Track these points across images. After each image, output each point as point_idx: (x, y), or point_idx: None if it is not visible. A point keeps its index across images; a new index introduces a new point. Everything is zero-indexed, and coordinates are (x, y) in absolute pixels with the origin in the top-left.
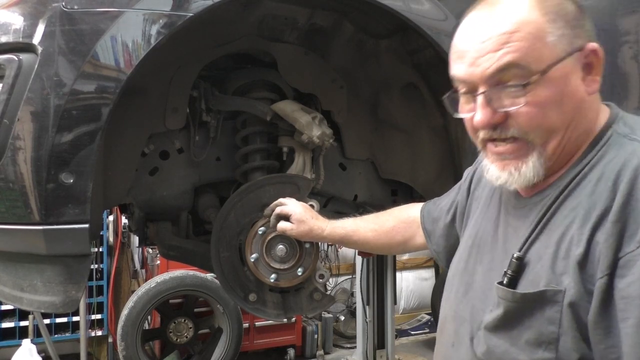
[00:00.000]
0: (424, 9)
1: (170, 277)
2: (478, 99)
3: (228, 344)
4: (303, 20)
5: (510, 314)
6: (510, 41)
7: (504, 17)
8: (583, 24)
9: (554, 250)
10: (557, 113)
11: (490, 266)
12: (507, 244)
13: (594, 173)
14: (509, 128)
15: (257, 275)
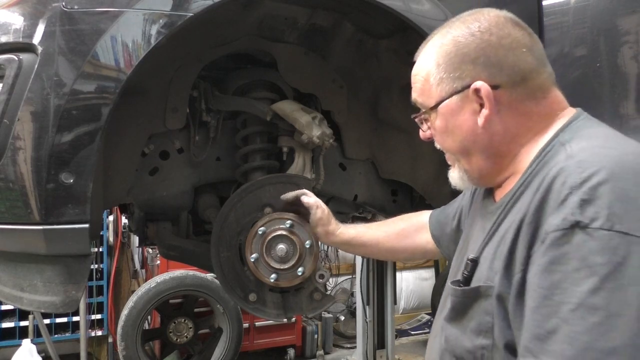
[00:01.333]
0: (424, 9)
1: (170, 277)
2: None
3: (228, 344)
4: (303, 20)
5: (457, 307)
6: (416, 81)
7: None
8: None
9: (494, 252)
10: (451, 141)
11: (457, 267)
12: (470, 245)
13: (536, 181)
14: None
15: (257, 275)
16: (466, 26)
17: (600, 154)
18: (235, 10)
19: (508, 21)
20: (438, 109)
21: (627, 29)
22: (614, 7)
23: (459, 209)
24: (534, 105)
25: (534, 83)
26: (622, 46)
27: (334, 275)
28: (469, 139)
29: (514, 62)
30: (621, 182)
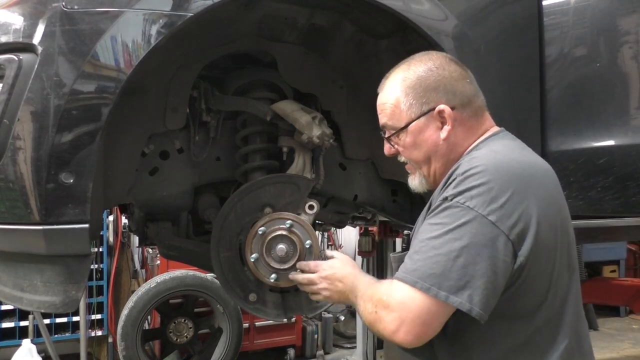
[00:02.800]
0: (424, 9)
1: (170, 277)
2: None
3: (228, 344)
4: (303, 20)
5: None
6: (384, 109)
7: (383, 93)
8: (437, 91)
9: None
10: (417, 152)
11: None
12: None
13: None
14: (400, 156)
15: (257, 275)
16: (423, 64)
17: (488, 156)
18: (235, 10)
19: (452, 60)
20: (408, 128)
21: (627, 29)
22: (614, 7)
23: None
24: (475, 122)
25: (476, 105)
26: (622, 46)
27: None
28: (432, 150)
29: (462, 89)
30: (487, 175)
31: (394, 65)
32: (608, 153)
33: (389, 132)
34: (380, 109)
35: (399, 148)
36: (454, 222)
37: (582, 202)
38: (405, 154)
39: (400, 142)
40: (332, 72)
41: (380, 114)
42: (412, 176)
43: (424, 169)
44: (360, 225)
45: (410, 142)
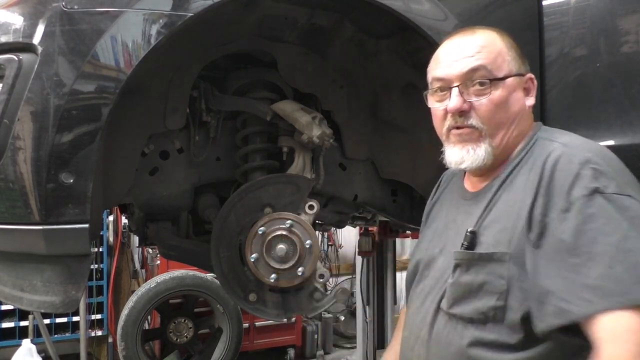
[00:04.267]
0: (424, 9)
1: (170, 277)
2: (453, 90)
3: (228, 344)
4: (303, 20)
5: (468, 270)
6: (482, 52)
7: (478, 38)
8: (525, 60)
9: (503, 225)
10: (504, 112)
11: (448, 246)
12: (462, 226)
13: (526, 166)
14: (470, 117)
15: (257, 275)
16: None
17: (585, 143)
18: (235, 10)
19: None
20: (506, 81)
21: (627, 29)
22: (614, 7)
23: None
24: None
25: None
26: (622, 46)
27: (334, 275)
28: (518, 114)
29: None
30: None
31: (394, 65)
32: None
33: (482, 77)
34: (473, 51)
35: (482, 102)
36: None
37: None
38: (486, 111)
39: (490, 95)
40: (332, 72)
41: (473, 56)
42: (474, 145)
43: (498, 136)
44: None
45: (501, 97)
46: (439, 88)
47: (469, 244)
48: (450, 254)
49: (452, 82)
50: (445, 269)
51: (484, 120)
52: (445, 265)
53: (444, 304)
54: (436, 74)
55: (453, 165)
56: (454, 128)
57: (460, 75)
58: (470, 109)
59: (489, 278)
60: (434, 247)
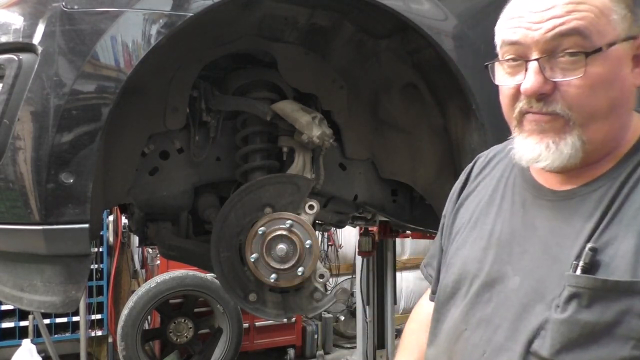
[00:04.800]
0: (424, 9)
1: (170, 277)
2: (531, 65)
3: (228, 344)
4: (303, 20)
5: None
6: (577, 10)
7: None
8: (638, 13)
9: (636, 244)
10: (605, 96)
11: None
12: (552, 237)
13: None
14: (552, 102)
15: (257, 275)
16: None
17: None
18: (235, 10)
19: None
20: (609, 51)
21: None
22: None
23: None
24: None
25: None
26: None
27: (334, 275)
28: (623, 98)
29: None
30: None
31: (394, 65)
32: None
33: (576, 47)
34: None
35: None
36: None
37: None
38: (577, 96)
39: (586, 73)
40: (332, 72)
41: (564, 16)
42: (557, 137)
43: (591, 127)
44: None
45: (601, 75)
46: (512, 57)
47: (587, 265)
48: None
49: (530, 51)
50: (529, 294)
51: (572, 106)
52: (529, 289)
53: (542, 349)
54: (508, 37)
55: (525, 162)
56: (528, 112)
57: (544, 41)
58: (553, 90)
59: (623, 317)
60: (496, 261)
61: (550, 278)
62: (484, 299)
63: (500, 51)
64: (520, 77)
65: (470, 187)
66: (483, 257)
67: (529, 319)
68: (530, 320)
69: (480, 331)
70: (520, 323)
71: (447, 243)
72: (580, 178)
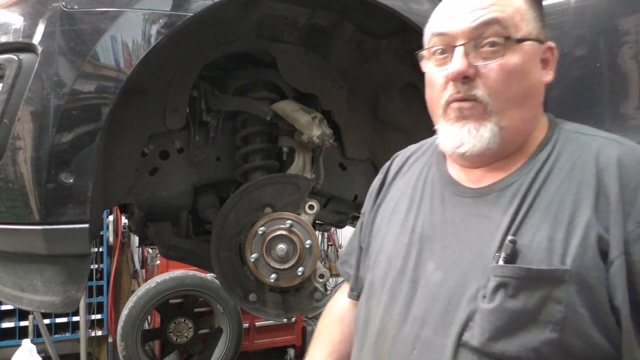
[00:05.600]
0: (424, 9)
1: (170, 277)
2: (457, 50)
3: (228, 344)
4: (303, 20)
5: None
6: (498, 4)
7: None
8: (545, 24)
9: (550, 234)
10: (519, 84)
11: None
12: (472, 232)
13: (563, 163)
14: (474, 88)
15: (257, 275)
16: None
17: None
18: (235, 10)
19: None
20: (524, 45)
21: (627, 29)
22: (614, 7)
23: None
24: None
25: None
26: (622, 46)
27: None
28: (533, 90)
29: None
30: None
31: (394, 65)
32: None
33: (496, 34)
34: (487, 2)
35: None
36: None
37: None
38: (496, 80)
39: (503, 59)
40: (332, 72)
41: (486, 8)
42: (476, 124)
43: (507, 114)
44: None
45: (517, 63)
46: (440, 48)
47: (509, 256)
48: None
49: (456, 39)
50: (454, 288)
51: (492, 90)
52: (453, 283)
53: (472, 339)
54: (436, 29)
55: (449, 149)
56: (454, 100)
57: (468, 30)
58: (476, 75)
59: (544, 303)
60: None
61: (473, 271)
62: (410, 295)
63: (429, 44)
64: (445, 64)
65: (389, 186)
66: (406, 254)
67: (457, 312)
68: (458, 313)
69: (408, 328)
70: (447, 316)
71: (368, 240)
72: (495, 175)
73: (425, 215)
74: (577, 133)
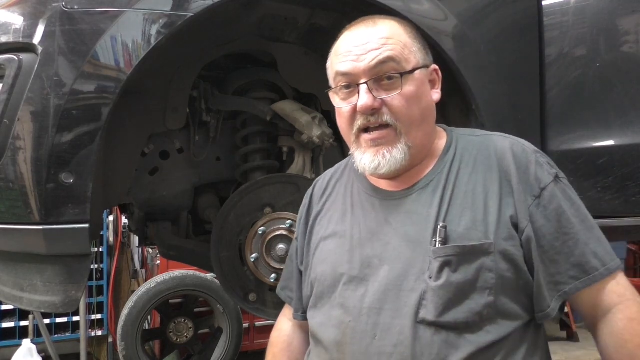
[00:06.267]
0: (424, 9)
1: (170, 277)
2: (362, 88)
3: (228, 344)
4: (303, 20)
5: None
6: (388, 43)
7: (381, 29)
8: (428, 50)
9: (472, 216)
10: (418, 107)
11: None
12: (406, 226)
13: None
14: (383, 115)
15: (257, 275)
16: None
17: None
18: (235, 10)
19: None
20: (415, 74)
21: (627, 29)
22: (614, 7)
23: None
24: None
25: None
26: (622, 46)
27: None
28: (428, 109)
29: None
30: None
31: None
32: (608, 153)
33: (392, 71)
34: (379, 43)
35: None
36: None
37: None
38: (400, 107)
39: (402, 90)
40: None
41: (379, 48)
42: (389, 148)
43: (412, 133)
44: None
45: (413, 92)
46: (345, 85)
47: (443, 239)
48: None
49: (359, 78)
50: (401, 276)
51: (397, 116)
52: (400, 272)
53: (427, 314)
54: (340, 69)
55: (368, 171)
56: (363, 132)
57: (368, 69)
58: (381, 106)
59: (479, 273)
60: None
61: (415, 257)
62: (360, 291)
63: (335, 81)
64: (354, 99)
65: (317, 208)
66: (351, 257)
67: (409, 295)
68: (410, 295)
69: (364, 318)
70: (400, 301)
71: (307, 260)
72: (412, 178)
73: (360, 222)
74: (471, 136)
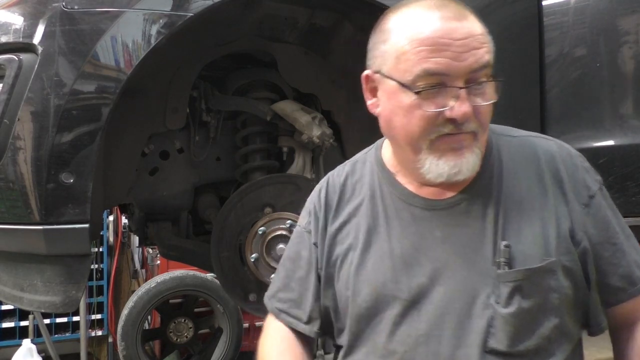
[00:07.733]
0: None
1: (170, 277)
2: (462, 93)
3: (228, 344)
4: (303, 20)
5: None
6: (486, 43)
7: (475, 24)
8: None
9: (530, 232)
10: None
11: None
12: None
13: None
14: (471, 123)
15: (257, 275)
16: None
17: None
18: (235, 10)
19: None
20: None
21: (627, 29)
22: (614, 7)
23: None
24: None
25: None
26: (622, 46)
27: None
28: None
29: None
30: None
31: None
32: (608, 153)
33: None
34: (479, 41)
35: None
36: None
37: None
38: (486, 114)
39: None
40: (332, 72)
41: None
42: (469, 151)
43: (482, 140)
44: None
45: (493, 97)
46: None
47: (507, 260)
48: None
49: (455, 80)
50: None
51: (483, 124)
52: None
53: (497, 344)
54: (431, 67)
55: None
56: (445, 135)
57: (469, 71)
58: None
59: (547, 295)
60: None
61: (473, 278)
62: (413, 317)
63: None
64: (442, 101)
65: (337, 213)
66: (396, 277)
67: (473, 322)
68: (476, 322)
69: (422, 348)
70: (463, 328)
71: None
72: (457, 185)
73: (400, 236)
74: (508, 136)
